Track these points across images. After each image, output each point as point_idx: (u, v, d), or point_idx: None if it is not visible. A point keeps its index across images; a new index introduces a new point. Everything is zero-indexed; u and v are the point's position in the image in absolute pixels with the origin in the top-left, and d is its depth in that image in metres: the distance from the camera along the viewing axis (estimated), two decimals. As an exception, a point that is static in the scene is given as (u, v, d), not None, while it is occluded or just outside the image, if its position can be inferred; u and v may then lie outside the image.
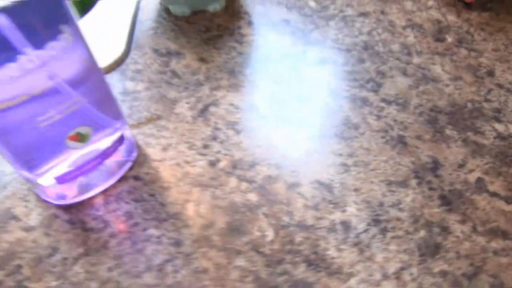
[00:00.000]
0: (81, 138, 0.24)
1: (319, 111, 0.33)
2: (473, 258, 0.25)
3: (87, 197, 0.28)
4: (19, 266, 0.25)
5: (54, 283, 0.24)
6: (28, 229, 0.26)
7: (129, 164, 0.29)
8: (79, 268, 0.25)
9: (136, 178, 0.29)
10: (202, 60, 0.36)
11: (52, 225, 0.27)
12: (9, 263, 0.25)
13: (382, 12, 0.40)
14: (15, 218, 0.27)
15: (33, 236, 0.26)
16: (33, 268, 0.25)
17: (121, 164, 0.28)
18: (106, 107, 0.25)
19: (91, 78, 0.23)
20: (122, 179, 0.29)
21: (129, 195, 0.28)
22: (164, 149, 0.30)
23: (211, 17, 0.40)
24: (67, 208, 0.27)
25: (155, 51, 0.37)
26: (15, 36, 0.18)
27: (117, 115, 0.26)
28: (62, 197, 0.26)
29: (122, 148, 0.28)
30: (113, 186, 0.28)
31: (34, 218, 0.27)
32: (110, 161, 0.27)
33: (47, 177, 0.25)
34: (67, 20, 0.20)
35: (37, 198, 0.28)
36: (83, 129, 0.24)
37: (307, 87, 0.34)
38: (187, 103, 0.33)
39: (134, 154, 0.29)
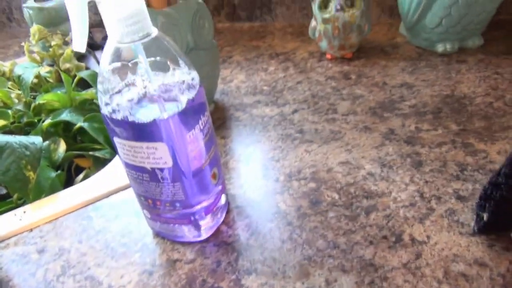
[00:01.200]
0: (215, 177, 0.38)
1: (313, 132, 0.51)
2: (439, 159, 0.45)
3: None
4: None
5: None
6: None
7: (227, 201, 0.42)
8: None
9: (237, 206, 0.42)
10: (223, 137, 0.53)
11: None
12: None
13: (308, 78, 0.63)
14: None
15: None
16: None
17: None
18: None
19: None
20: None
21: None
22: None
23: (211, 114, 0.57)
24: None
25: (188, 145, 0.52)
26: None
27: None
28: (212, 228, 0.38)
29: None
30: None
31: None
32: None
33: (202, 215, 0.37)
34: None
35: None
36: (215, 170, 0.38)
37: (297, 124, 0.53)
38: (235, 160, 0.49)
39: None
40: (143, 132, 0.31)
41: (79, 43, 0.27)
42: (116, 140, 0.33)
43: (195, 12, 0.48)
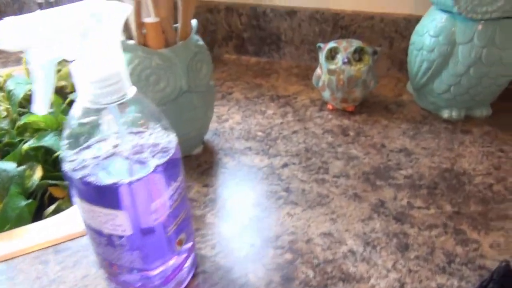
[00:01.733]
0: (182, 243, 0.35)
1: (299, 193, 0.49)
2: (428, 244, 0.42)
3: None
4: None
5: None
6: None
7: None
8: None
9: (205, 270, 0.39)
10: (206, 185, 0.50)
11: (162, 320, 0.35)
12: None
13: (305, 128, 0.60)
14: (129, 326, 0.34)
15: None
16: None
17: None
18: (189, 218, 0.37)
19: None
20: (195, 274, 0.39)
21: None
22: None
23: (196, 158, 0.55)
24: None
25: (168, 189, 0.50)
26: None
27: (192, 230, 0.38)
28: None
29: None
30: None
31: (145, 321, 0.35)
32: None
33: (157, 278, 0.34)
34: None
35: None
36: (183, 236, 0.35)
37: (284, 181, 0.50)
38: (212, 214, 0.46)
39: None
40: (102, 196, 0.29)
41: (41, 107, 0.25)
42: (76, 199, 0.30)
43: (193, 55, 0.46)
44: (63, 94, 0.65)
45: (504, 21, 0.51)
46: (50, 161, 0.53)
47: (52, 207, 0.49)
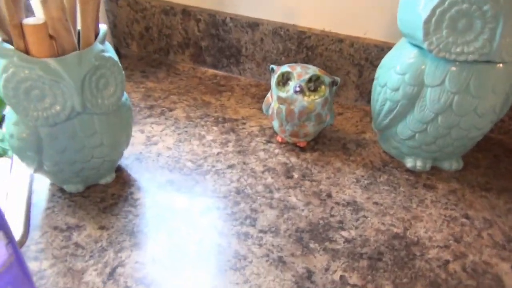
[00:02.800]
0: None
1: (213, 250, 0.39)
2: None
3: None
4: None
5: None
6: None
7: None
8: None
9: None
10: (103, 228, 0.41)
11: None
12: None
13: (244, 163, 0.51)
14: None
15: None
16: None
17: None
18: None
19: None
20: None
21: None
22: (80, 319, 0.32)
23: (104, 188, 0.46)
24: None
25: (55, 228, 0.41)
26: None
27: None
28: None
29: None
30: None
31: None
32: None
33: None
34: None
35: None
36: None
37: (199, 233, 0.41)
38: (95, 269, 0.37)
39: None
40: None
41: None
42: None
43: (93, 69, 0.37)
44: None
45: (482, 65, 0.43)
46: None
47: None
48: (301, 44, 0.64)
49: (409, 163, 0.52)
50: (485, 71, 0.43)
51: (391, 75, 0.47)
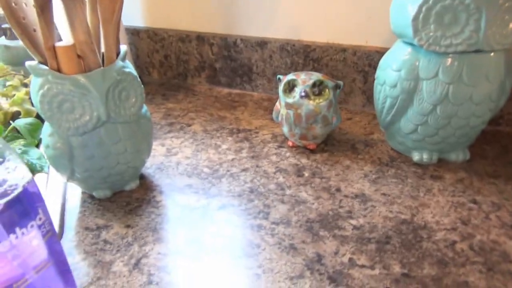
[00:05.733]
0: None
1: (228, 241, 0.42)
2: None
3: None
4: None
5: None
6: None
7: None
8: None
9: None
10: (128, 226, 0.45)
11: None
12: None
13: (257, 166, 0.55)
14: None
15: None
16: None
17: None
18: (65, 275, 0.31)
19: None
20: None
21: None
22: (109, 301, 0.36)
23: (129, 194, 0.50)
24: None
25: (86, 228, 0.45)
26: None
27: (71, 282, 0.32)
28: None
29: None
30: None
31: None
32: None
33: None
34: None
35: None
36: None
37: (216, 227, 0.45)
38: (122, 261, 0.40)
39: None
40: None
41: None
42: None
43: (115, 83, 0.42)
44: (14, 119, 0.62)
45: (472, 55, 0.45)
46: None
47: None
48: (307, 57, 0.68)
49: (415, 156, 0.54)
50: (477, 60, 0.45)
51: (389, 73, 0.50)
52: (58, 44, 0.40)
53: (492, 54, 0.46)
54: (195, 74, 0.80)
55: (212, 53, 0.76)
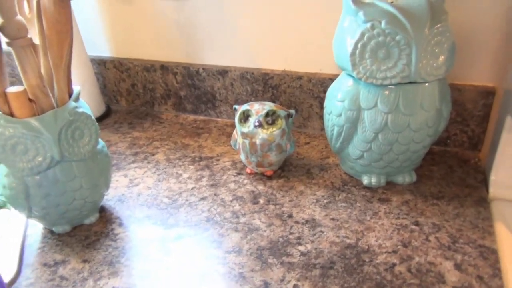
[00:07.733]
0: None
1: (181, 272, 0.44)
2: None
3: None
4: None
5: None
6: None
7: None
8: None
9: None
10: (85, 261, 0.46)
11: None
12: None
13: (215, 194, 0.57)
14: None
15: None
16: None
17: None
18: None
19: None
20: None
21: None
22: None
23: (88, 227, 0.52)
24: None
25: (44, 265, 0.46)
26: None
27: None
28: None
29: None
30: None
31: None
32: None
33: None
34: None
35: None
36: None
37: (171, 258, 0.46)
38: (76, 297, 0.42)
39: None
40: None
41: None
42: None
43: (68, 123, 0.44)
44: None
45: (407, 86, 0.48)
46: None
47: None
48: (266, 84, 0.71)
49: (365, 180, 0.56)
50: (411, 91, 0.49)
51: (334, 103, 0.53)
52: (9, 90, 0.42)
53: (426, 84, 0.49)
54: (161, 102, 0.82)
55: (177, 81, 0.78)
